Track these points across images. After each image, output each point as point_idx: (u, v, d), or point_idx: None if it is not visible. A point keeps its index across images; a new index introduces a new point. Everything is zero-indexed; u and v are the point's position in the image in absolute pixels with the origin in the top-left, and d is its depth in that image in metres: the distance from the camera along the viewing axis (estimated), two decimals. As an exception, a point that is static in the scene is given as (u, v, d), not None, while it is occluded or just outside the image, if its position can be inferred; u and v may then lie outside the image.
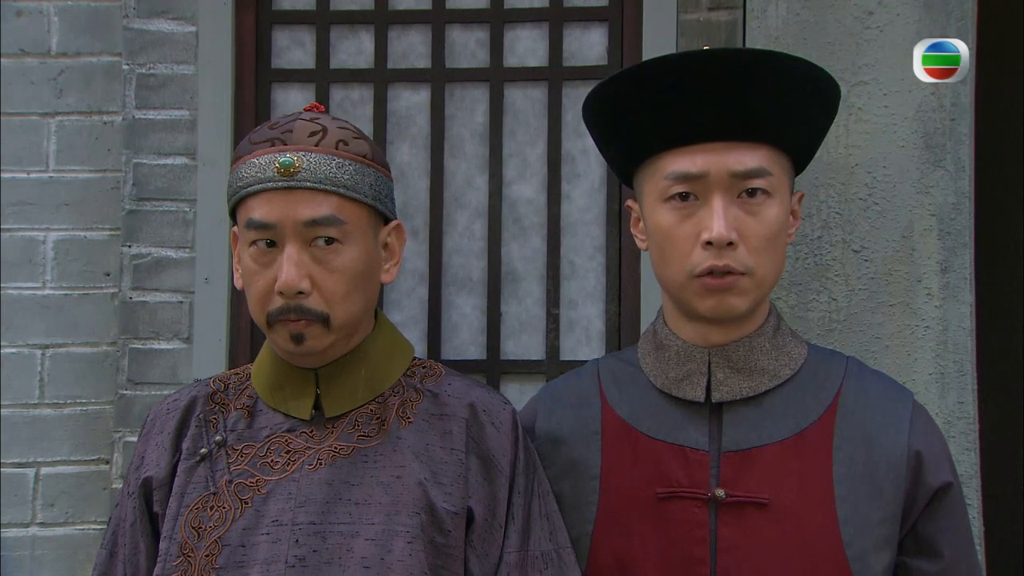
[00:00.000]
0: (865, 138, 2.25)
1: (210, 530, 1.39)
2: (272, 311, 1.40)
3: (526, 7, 2.69)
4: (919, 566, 1.44)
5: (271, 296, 1.40)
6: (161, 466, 1.46)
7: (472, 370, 2.67)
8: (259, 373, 1.51)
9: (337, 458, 1.43)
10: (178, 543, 1.39)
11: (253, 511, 1.40)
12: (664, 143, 1.42)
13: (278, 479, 1.42)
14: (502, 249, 2.67)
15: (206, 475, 1.42)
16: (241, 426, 1.46)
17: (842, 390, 1.47)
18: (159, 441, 1.48)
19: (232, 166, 1.46)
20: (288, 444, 1.44)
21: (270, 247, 1.39)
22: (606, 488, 1.47)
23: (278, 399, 1.47)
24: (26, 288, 2.68)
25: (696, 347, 1.47)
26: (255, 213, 1.38)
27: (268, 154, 1.40)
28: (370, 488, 1.42)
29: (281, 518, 1.39)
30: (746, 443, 1.43)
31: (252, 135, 1.44)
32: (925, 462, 1.43)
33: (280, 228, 1.38)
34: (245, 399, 1.49)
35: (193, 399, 1.50)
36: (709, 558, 1.40)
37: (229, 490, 1.41)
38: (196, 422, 1.47)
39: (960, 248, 2.22)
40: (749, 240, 1.40)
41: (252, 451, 1.44)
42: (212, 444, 1.44)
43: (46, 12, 2.73)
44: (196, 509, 1.41)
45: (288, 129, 1.42)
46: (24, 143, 2.71)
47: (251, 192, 1.39)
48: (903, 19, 2.26)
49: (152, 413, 1.53)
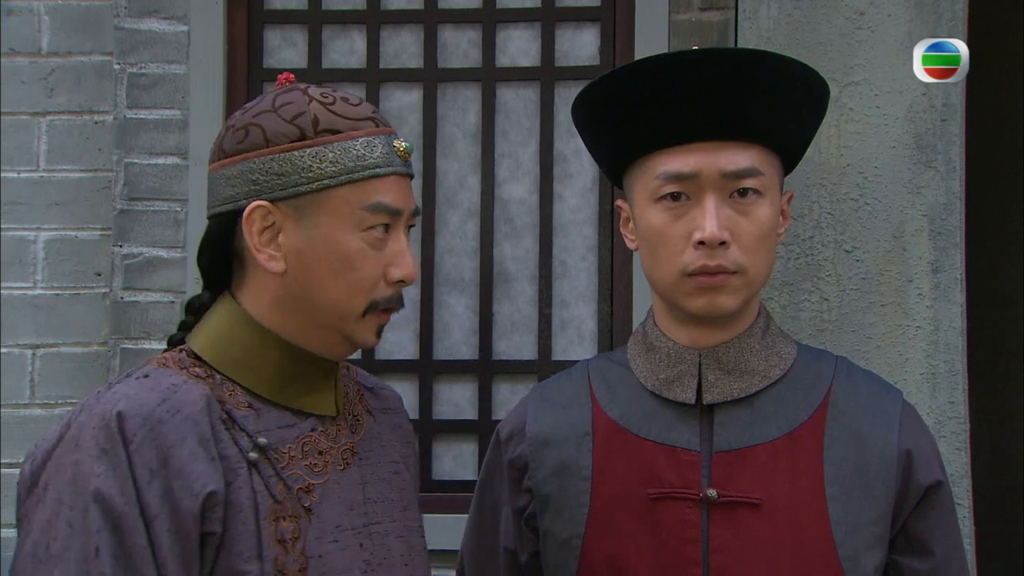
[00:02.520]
0: (856, 138, 2.26)
1: (291, 543, 1.29)
2: (380, 299, 1.35)
3: (518, 7, 2.70)
4: (910, 564, 1.44)
5: (379, 283, 1.34)
6: (215, 479, 1.26)
7: (464, 370, 2.67)
8: (251, 368, 1.35)
9: (351, 456, 1.40)
10: (271, 561, 1.26)
11: (316, 518, 1.32)
12: (655, 143, 1.42)
13: (322, 482, 1.34)
14: (494, 249, 2.67)
15: (261, 484, 1.29)
16: (259, 426, 1.33)
17: (832, 390, 1.47)
18: (192, 451, 1.25)
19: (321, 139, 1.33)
20: (317, 444, 1.36)
21: (386, 231, 1.35)
22: (597, 489, 1.47)
23: (288, 395, 1.36)
24: (17, 288, 2.68)
25: (686, 348, 1.47)
26: (384, 197, 1.34)
27: (379, 134, 1.37)
28: (379, 485, 1.41)
29: (341, 523, 1.34)
30: (737, 443, 1.43)
31: (336, 108, 1.35)
32: (915, 461, 1.44)
33: (403, 213, 1.36)
34: (240, 396, 1.34)
35: (206, 400, 1.30)
36: (701, 558, 1.40)
37: (290, 497, 1.31)
38: (224, 425, 1.30)
39: (951, 248, 2.23)
40: (741, 239, 1.40)
41: (289, 453, 1.34)
42: (256, 449, 1.30)
43: (37, 12, 2.72)
44: (274, 521, 1.29)
45: (373, 108, 1.40)
46: (15, 142, 2.70)
47: (381, 174, 1.34)
48: (894, 20, 2.26)
49: (147, 421, 1.25)
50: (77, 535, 1.20)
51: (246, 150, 1.33)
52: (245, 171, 1.33)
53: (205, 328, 1.37)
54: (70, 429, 1.26)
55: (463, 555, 1.60)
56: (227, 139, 1.36)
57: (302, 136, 1.32)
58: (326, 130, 1.33)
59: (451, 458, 2.69)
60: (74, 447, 1.24)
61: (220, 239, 1.37)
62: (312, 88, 1.37)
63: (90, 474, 1.22)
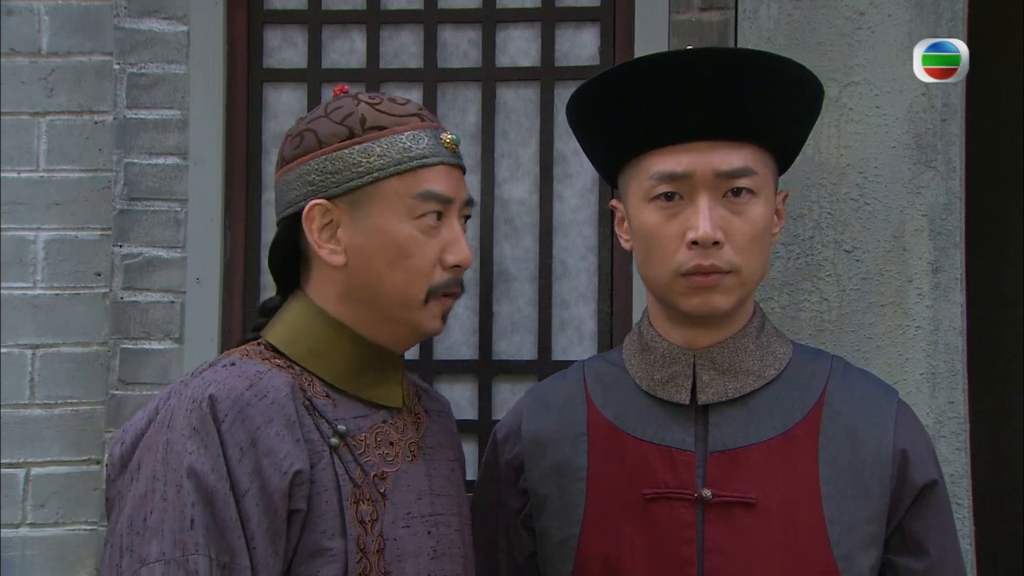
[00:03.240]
0: (856, 138, 2.26)
1: (370, 524, 1.36)
2: (438, 284, 1.41)
3: (518, 7, 2.69)
4: (906, 564, 1.44)
5: (436, 269, 1.41)
6: (301, 459, 1.32)
7: (464, 370, 2.67)
8: (326, 358, 1.41)
9: (417, 449, 1.46)
10: (354, 539, 1.34)
11: (391, 503, 1.39)
12: (649, 143, 1.42)
13: (395, 470, 1.41)
14: (494, 249, 2.67)
15: (342, 468, 1.35)
16: (337, 414, 1.39)
17: (827, 389, 1.47)
18: (279, 432, 1.31)
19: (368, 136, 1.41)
20: (388, 435, 1.43)
21: (439, 219, 1.42)
22: (593, 490, 1.47)
23: (360, 385, 1.42)
24: (17, 288, 2.68)
25: (681, 349, 1.47)
26: (432, 185, 1.41)
27: (425, 128, 1.45)
28: (441, 479, 1.49)
29: (412, 510, 1.41)
30: (732, 443, 1.43)
31: (382, 107, 1.44)
32: (911, 460, 1.44)
33: (455, 201, 1.43)
34: (318, 386, 1.40)
35: (291, 386, 1.35)
36: (696, 558, 1.40)
37: (367, 482, 1.38)
38: (307, 411, 1.36)
39: (951, 248, 2.22)
40: (735, 239, 1.40)
41: (365, 441, 1.40)
42: (336, 435, 1.37)
43: (37, 11, 2.72)
44: (354, 503, 1.35)
45: (419, 106, 1.49)
46: (15, 142, 2.70)
47: (428, 163, 1.42)
48: (894, 20, 2.26)
49: (236, 403, 1.31)
50: (171, 508, 1.27)
51: (302, 154, 1.43)
52: (303, 173, 1.42)
53: (280, 323, 1.45)
54: (159, 413, 1.33)
55: (460, 555, 1.61)
56: (285, 147, 1.46)
57: (351, 135, 1.41)
58: (373, 127, 1.41)
59: (451, 458, 2.70)
60: (166, 428, 1.31)
61: (287, 241, 1.45)
62: (362, 93, 1.46)
63: (183, 452, 1.28)
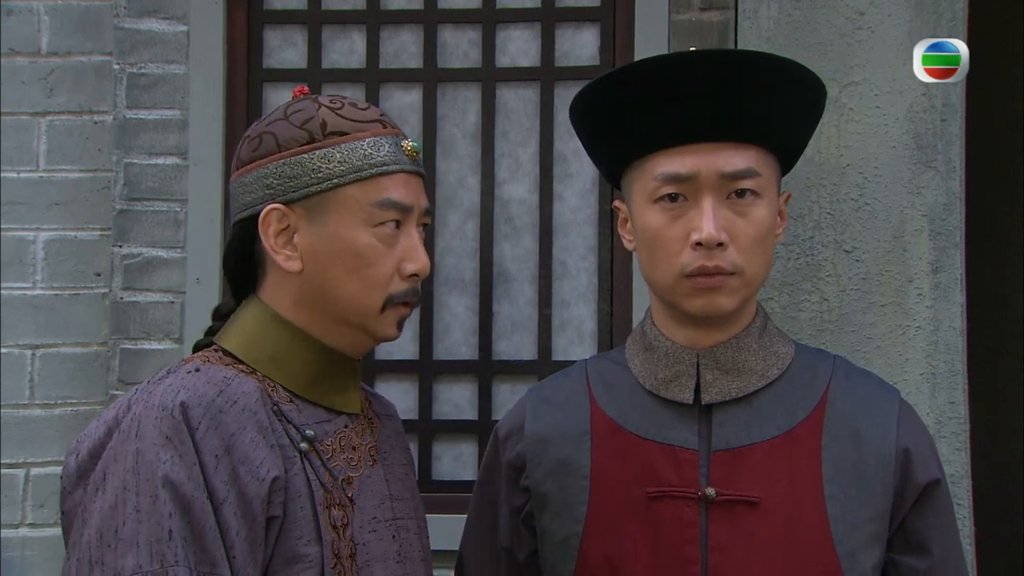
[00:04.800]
0: (856, 138, 2.26)
1: (342, 529, 1.35)
2: (396, 293, 1.40)
3: (518, 7, 2.70)
4: (909, 563, 1.44)
5: (394, 278, 1.40)
6: (277, 465, 1.30)
7: (464, 371, 2.67)
8: (286, 364, 1.39)
9: (376, 454, 1.46)
10: (329, 545, 1.33)
11: (358, 508, 1.38)
12: (652, 144, 1.42)
13: (359, 475, 1.41)
14: (494, 249, 2.67)
15: (312, 473, 1.34)
16: (303, 420, 1.38)
17: (830, 389, 1.47)
18: (253, 439, 1.29)
19: (329, 141, 1.38)
20: (350, 440, 1.43)
21: (397, 228, 1.40)
22: (596, 489, 1.47)
23: (320, 392, 1.41)
24: (16, 288, 2.68)
25: (684, 348, 1.47)
26: (392, 193, 1.38)
27: (386, 135, 1.41)
28: (397, 483, 1.48)
29: (377, 514, 1.40)
30: (736, 442, 1.43)
31: (344, 112, 1.40)
32: (913, 459, 1.44)
33: (414, 210, 1.41)
34: (280, 391, 1.38)
35: (259, 391, 1.33)
36: (700, 557, 1.40)
37: (337, 487, 1.37)
38: (276, 416, 1.34)
39: (951, 248, 2.23)
40: (739, 240, 1.40)
41: (331, 446, 1.39)
42: (305, 440, 1.36)
43: (36, 11, 2.72)
44: (327, 508, 1.34)
45: (381, 112, 1.45)
46: (14, 143, 2.70)
47: (389, 171, 1.39)
48: (894, 20, 2.26)
49: (208, 410, 1.28)
50: (146, 519, 1.23)
51: (260, 157, 1.40)
52: (260, 177, 1.40)
53: (235, 328, 1.42)
54: (121, 423, 1.29)
55: (462, 555, 1.61)
56: (243, 149, 1.43)
57: (311, 139, 1.38)
58: (334, 132, 1.39)
59: (451, 458, 2.69)
60: (134, 437, 1.26)
61: (243, 245, 1.43)
62: (322, 97, 1.43)
63: (156, 461, 1.24)
